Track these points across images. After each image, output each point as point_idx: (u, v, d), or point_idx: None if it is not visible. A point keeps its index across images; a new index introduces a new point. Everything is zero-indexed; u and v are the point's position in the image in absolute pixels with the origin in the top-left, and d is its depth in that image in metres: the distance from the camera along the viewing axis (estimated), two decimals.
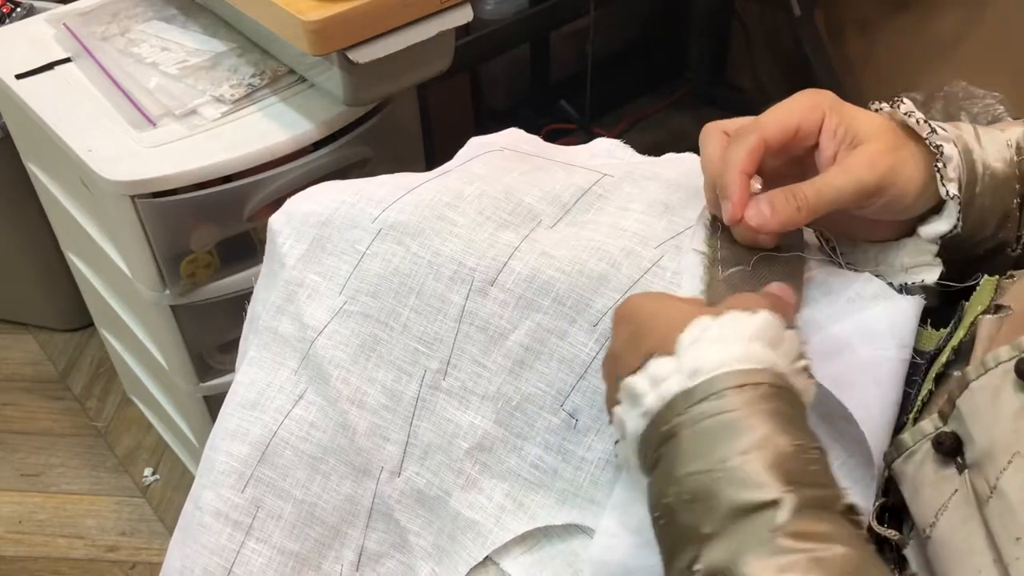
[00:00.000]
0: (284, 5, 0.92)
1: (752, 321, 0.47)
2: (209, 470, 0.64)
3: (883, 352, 0.55)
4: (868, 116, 0.58)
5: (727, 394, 0.45)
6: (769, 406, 0.44)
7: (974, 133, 0.59)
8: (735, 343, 0.46)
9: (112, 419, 1.59)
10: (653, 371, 0.47)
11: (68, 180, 1.20)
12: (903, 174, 0.56)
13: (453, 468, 0.62)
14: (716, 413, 0.44)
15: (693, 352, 0.46)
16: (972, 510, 0.46)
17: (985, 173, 0.58)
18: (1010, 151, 0.58)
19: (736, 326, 0.47)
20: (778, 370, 0.46)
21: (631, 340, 0.51)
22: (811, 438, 0.45)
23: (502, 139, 0.74)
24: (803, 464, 0.43)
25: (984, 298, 0.55)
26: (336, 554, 0.64)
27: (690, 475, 0.44)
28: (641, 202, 0.66)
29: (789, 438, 0.44)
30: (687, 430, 0.45)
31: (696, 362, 0.46)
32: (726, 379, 0.45)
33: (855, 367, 0.55)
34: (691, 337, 0.47)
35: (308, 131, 1.03)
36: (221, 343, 1.21)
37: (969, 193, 0.57)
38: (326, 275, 0.65)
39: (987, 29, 1.67)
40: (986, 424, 0.46)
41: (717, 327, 0.47)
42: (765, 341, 0.47)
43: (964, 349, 0.54)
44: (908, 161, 0.56)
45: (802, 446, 0.44)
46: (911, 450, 0.51)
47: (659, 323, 0.50)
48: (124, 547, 1.41)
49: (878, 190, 0.56)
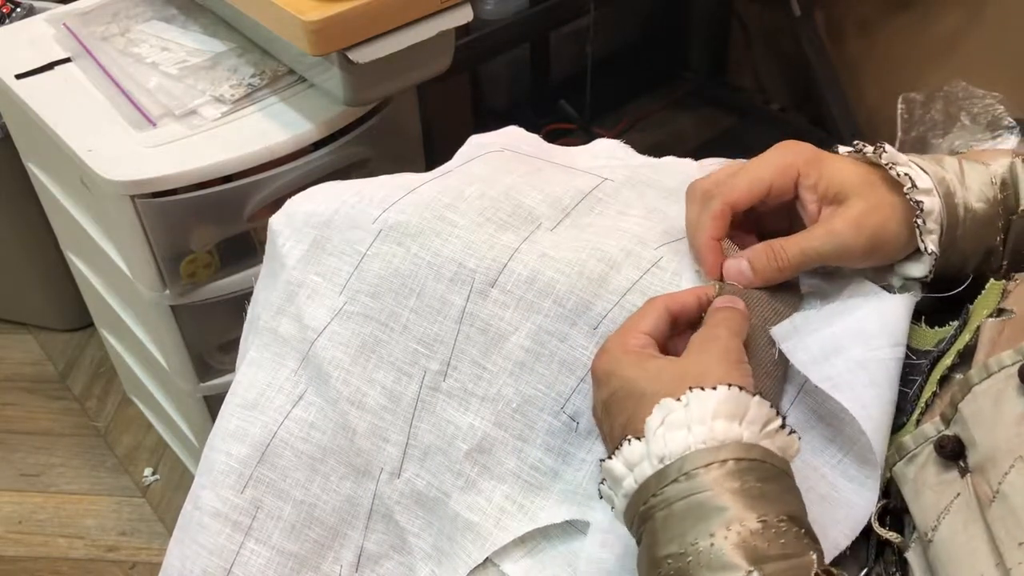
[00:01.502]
0: (284, 5, 0.92)
1: (712, 399, 0.48)
2: (208, 470, 0.64)
3: (876, 352, 0.55)
4: (849, 168, 0.59)
5: (696, 474, 0.46)
6: (736, 484, 0.46)
7: (958, 170, 0.59)
8: (698, 424, 0.48)
9: (112, 419, 1.59)
10: (627, 455, 0.49)
11: (68, 180, 1.19)
12: (888, 232, 0.57)
13: (453, 469, 0.61)
14: (687, 495, 0.46)
15: (660, 437, 0.48)
16: (974, 514, 0.46)
17: (967, 216, 0.58)
18: (994, 188, 0.59)
19: (698, 407, 0.48)
20: (744, 442, 0.47)
21: (608, 407, 0.53)
22: (781, 508, 0.46)
23: (502, 138, 0.74)
24: (769, 539, 0.45)
25: (990, 301, 0.55)
26: (335, 555, 0.64)
27: (666, 558, 0.46)
28: (641, 208, 0.66)
29: (756, 514, 0.45)
30: (661, 512, 0.47)
31: (663, 448, 0.48)
32: (693, 459, 0.47)
33: (850, 368, 0.55)
34: (656, 421, 0.49)
35: (308, 131, 1.03)
36: (221, 343, 1.21)
37: (950, 237, 0.58)
38: (326, 275, 0.65)
39: (987, 29, 1.67)
40: (989, 428, 0.46)
41: (680, 410, 0.48)
42: (727, 416, 0.48)
43: (967, 352, 0.54)
44: (891, 219, 0.57)
45: (768, 521, 0.45)
46: (913, 453, 0.51)
47: (633, 395, 0.51)
48: (124, 547, 1.41)
49: (863, 253, 0.57)
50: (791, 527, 0.45)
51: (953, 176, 0.59)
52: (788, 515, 0.46)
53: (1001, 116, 1.44)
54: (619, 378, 0.52)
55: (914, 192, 0.57)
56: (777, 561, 0.44)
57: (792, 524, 0.46)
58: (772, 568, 0.43)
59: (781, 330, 0.58)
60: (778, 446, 0.49)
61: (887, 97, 0.53)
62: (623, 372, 0.52)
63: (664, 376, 0.51)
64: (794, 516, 0.46)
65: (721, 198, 0.59)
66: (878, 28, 1.82)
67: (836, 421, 0.57)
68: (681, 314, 0.57)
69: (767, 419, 0.49)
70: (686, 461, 0.47)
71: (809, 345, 0.56)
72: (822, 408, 0.57)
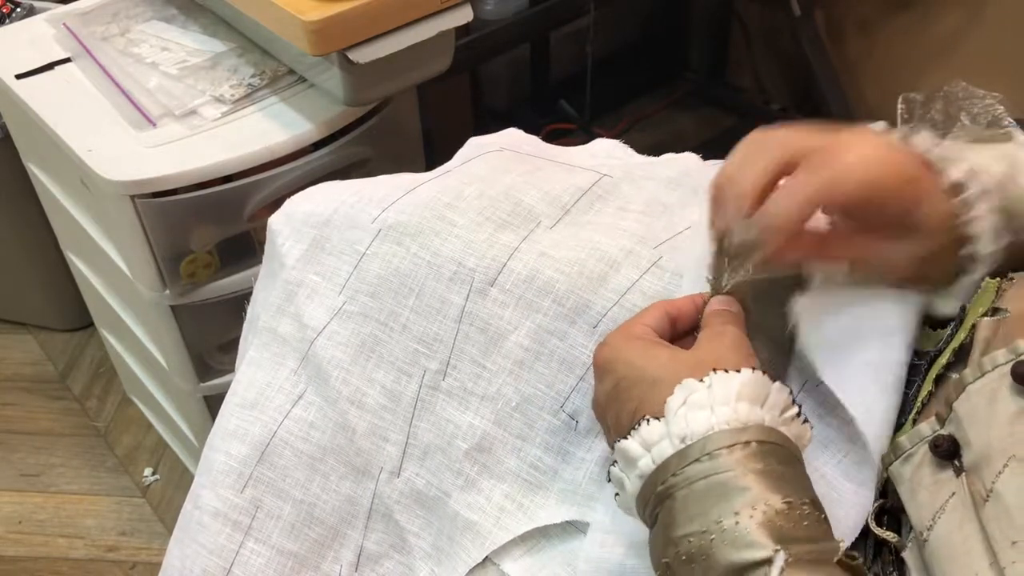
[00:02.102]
0: (284, 5, 0.92)
1: (736, 380, 0.48)
2: (208, 470, 0.64)
3: (892, 353, 0.55)
4: None
5: (719, 454, 0.46)
6: (760, 465, 0.46)
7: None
8: (721, 405, 0.47)
9: (112, 419, 1.59)
10: (645, 435, 0.49)
11: (68, 180, 1.20)
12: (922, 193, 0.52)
13: (452, 469, 0.62)
14: (709, 474, 0.46)
15: (681, 417, 0.48)
16: (969, 513, 0.46)
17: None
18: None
19: (721, 388, 0.48)
20: (766, 425, 0.48)
21: (615, 395, 0.52)
22: (803, 492, 0.46)
23: (501, 139, 0.74)
24: (795, 520, 0.44)
25: (986, 300, 0.55)
26: (335, 554, 0.64)
27: (686, 536, 0.45)
28: (640, 202, 0.66)
29: (780, 496, 0.45)
30: (682, 491, 0.46)
31: (685, 428, 0.47)
32: (716, 439, 0.47)
33: (861, 366, 0.55)
34: (678, 401, 0.48)
35: (308, 131, 1.03)
36: (221, 343, 1.21)
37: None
38: (326, 275, 0.65)
39: (987, 29, 1.67)
40: (983, 427, 0.46)
41: (703, 391, 0.48)
42: (750, 399, 0.48)
43: (963, 351, 0.54)
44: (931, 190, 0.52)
45: (792, 503, 0.45)
46: (909, 452, 0.51)
47: (643, 380, 0.51)
48: (124, 547, 1.41)
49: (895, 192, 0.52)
50: (814, 511, 0.45)
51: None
52: (811, 499, 0.46)
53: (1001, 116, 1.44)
54: (625, 364, 0.52)
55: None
56: (803, 543, 0.44)
57: (814, 508, 0.46)
58: (797, 549, 0.43)
59: (798, 306, 0.56)
60: (793, 434, 0.49)
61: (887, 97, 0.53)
62: (629, 358, 0.52)
63: (676, 363, 0.51)
64: (815, 501, 0.46)
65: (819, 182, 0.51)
66: (878, 28, 1.82)
67: (837, 421, 0.57)
68: (679, 318, 0.56)
69: (786, 405, 0.49)
70: (709, 441, 0.46)
71: (825, 328, 0.56)
72: (822, 407, 0.57)
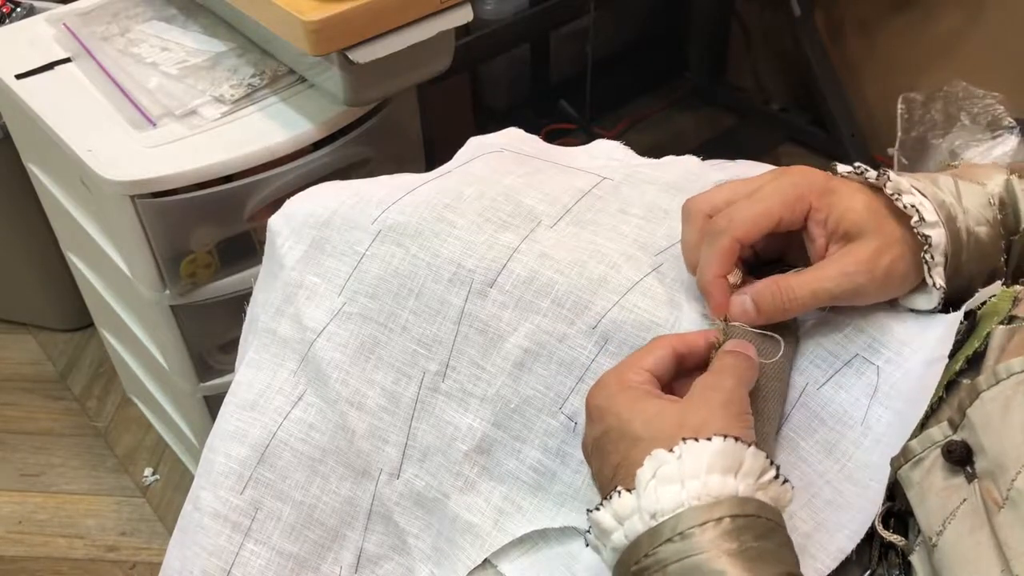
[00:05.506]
0: (284, 5, 0.92)
1: (707, 451, 0.47)
2: (208, 471, 0.64)
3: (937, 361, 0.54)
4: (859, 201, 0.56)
5: (691, 534, 0.45)
6: (734, 545, 0.45)
7: (955, 190, 0.58)
8: (692, 479, 0.46)
9: (112, 419, 1.59)
10: (617, 508, 0.48)
11: (68, 180, 1.20)
12: (898, 270, 0.56)
13: (452, 470, 0.61)
14: (682, 556, 0.45)
15: (652, 491, 0.47)
16: (981, 519, 0.46)
17: (970, 241, 0.57)
18: (992, 210, 0.58)
19: (691, 460, 0.47)
20: (740, 496, 0.46)
21: (600, 445, 0.51)
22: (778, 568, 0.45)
23: (502, 139, 0.74)
24: None
25: (1001, 308, 0.55)
26: (335, 556, 0.64)
27: None
28: (640, 206, 0.66)
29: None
30: (656, 575, 0.45)
31: (655, 504, 0.46)
32: (688, 518, 0.45)
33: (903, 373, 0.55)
34: (647, 474, 0.47)
35: (308, 131, 1.03)
36: (221, 343, 1.21)
37: (954, 264, 0.57)
38: (325, 276, 0.65)
39: (987, 29, 1.67)
40: (997, 434, 0.46)
41: (673, 463, 0.47)
42: (722, 469, 0.47)
43: (976, 358, 0.54)
44: (901, 258, 0.56)
45: None
46: (919, 456, 0.51)
47: (627, 436, 0.50)
48: (124, 547, 1.41)
49: (875, 293, 0.56)
50: None
51: (952, 199, 0.57)
52: (788, 573, 0.45)
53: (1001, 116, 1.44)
54: (614, 416, 0.51)
55: (921, 226, 0.55)
56: None
57: None
58: None
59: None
60: (771, 496, 0.48)
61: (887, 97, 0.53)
62: (618, 410, 0.51)
63: (660, 421, 0.49)
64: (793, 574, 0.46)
65: (729, 233, 0.56)
66: (878, 28, 1.82)
67: (839, 425, 0.56)
68: (689, 356, 0.55)
69: (762, 470, 0.48)
70: (680, 520, 0.45)
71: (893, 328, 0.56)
72: (825, 411, 0.57)
